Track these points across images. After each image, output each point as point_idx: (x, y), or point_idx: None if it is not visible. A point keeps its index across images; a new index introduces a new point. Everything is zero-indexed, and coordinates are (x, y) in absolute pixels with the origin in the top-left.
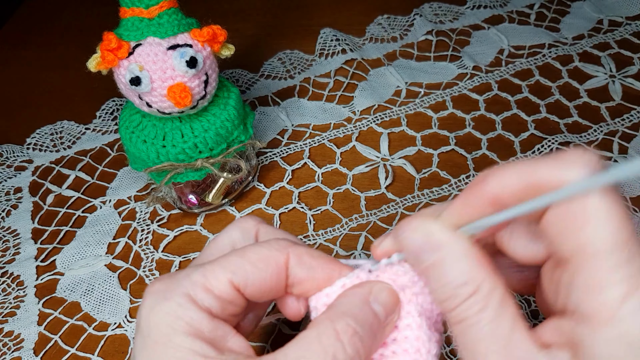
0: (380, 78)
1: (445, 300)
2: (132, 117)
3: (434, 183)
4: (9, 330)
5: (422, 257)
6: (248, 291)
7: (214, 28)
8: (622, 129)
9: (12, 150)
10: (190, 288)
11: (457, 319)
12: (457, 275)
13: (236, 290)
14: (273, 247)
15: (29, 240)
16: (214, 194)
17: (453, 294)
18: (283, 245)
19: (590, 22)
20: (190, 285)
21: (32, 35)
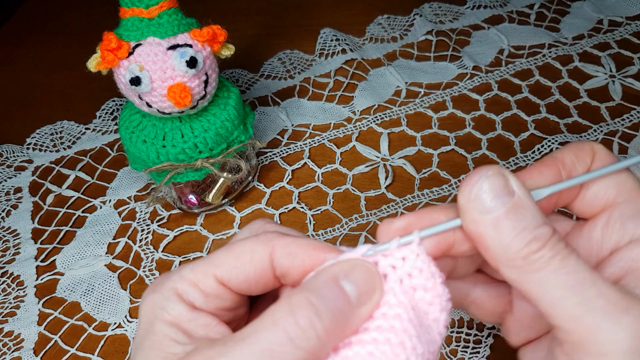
0: (380, 78)
1: (525, 245)
2: (132, 117)
3: (434, 183)
4: (9, 330)
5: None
6: (233, 284)
7: (214, 28)
8: (622, 129)
9: (12, 150)
10: (178, 282)
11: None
12: (536, 217)
13: (221, 284)
14: (258, 240)
15: (29, 240)
16: (214, 194)
17: (534, 236)
18: (269, 237)
19: (590, 22)
20: (179, 279)
21: (32, 35)
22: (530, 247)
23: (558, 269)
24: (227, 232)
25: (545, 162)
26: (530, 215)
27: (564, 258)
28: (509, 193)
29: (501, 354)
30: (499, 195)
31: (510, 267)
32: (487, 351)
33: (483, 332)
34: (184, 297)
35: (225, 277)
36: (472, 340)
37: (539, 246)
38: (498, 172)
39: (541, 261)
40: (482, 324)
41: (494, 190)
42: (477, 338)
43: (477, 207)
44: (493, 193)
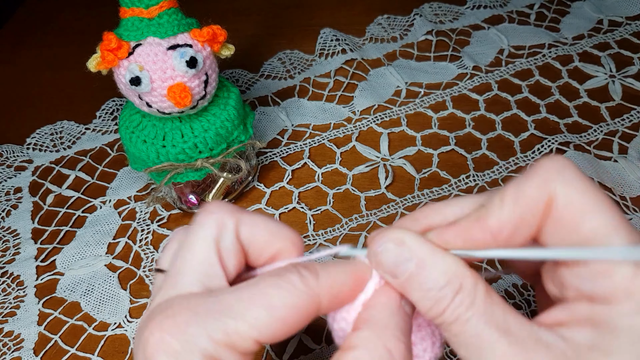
0: (380, 78)
1: (432, 306)
2: (132, 117)
3: (434, 183)
4: (9, 330)
5: (400, 270)
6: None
7: (214, 28)
8: (622, 129)
9: (12, 150)
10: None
11: (450, 320)
12: (439, 277)
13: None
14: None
15: (29, 240)
16: (214, 194)
17: (439, 296)
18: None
19: (590, 22)
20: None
21: (32, 35)
22: (432, 312)
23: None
24: None
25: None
26: (432, 277)
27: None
28: (406, 260)
29: None
30: (398, 263)
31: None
32: None
33: None
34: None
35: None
36: None
37: (440, 310)
38: (396, 238)
39: (444, 324)
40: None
41: (393, 258)
42: None
43: (385, 272)
44: (392, 261)
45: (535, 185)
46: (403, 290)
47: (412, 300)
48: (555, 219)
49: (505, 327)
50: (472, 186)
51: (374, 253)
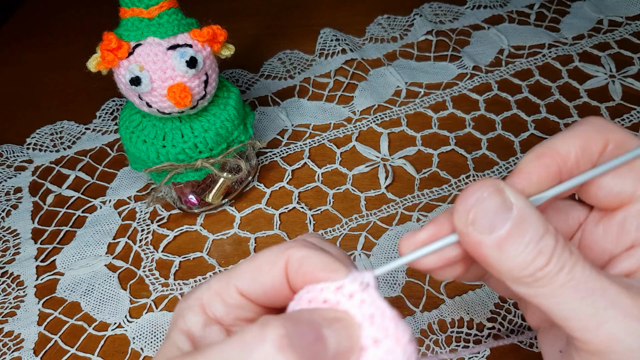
0: (380, 78)
1: (536, 258)
2: (132, 117)
3: (434, 183)
4: (9, 330)
5: (500, 220)
6: (253, 296)
7: (214, 28)
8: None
9: (12, 150)
10: (204, 292)
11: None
12: (538, 227)
13: (241, 295)
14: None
15: (29, 240)
16: (214, 194)
17: (542, 246)
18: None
19: (590, 22)
20: (206, 289)
21: (32, 35)
22: (535, 264)
23: (566, 282)
24: (227, 232)
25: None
26: (533, 227)
27: (570, 269)
28: (507, 209)
29: (501, 354)
30: (498, 214)
31: (519, 284)
32: (487, 351)
33: (483, 332)
34: (207, 308)
35: (245, 288)
36: (472, 340)
37: (544, 261)
38: (494, 189)
39: (548, 277)
40: (482, 324)
41: (492, 210)
42: (477, 338)
43: (477, 229)
44: (491, 213)
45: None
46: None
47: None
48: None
49: (606, 274)
50: None
51: (469, 206)
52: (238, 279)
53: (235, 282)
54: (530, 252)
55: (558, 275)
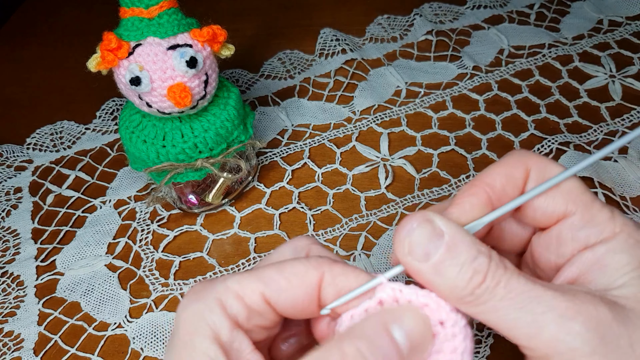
0: (380, 78)
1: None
2: (132, 117)
3: (434, 183)
4: (9, 330)
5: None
6: (279, 306)
7: (213, 28)
8: (623, 129)
9: (12, 150)
10: (222, 292)
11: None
12: (471, 248)
13: (267, 303)
14: (310, 264)
15: (29, 240)
16: (214, 194)
17: (476, 266)
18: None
19: (590, 22)
20: (224, 289)
21: (32, 35)
22: (473, 283)
23: (504, 295)
24: (227, 232)
25: (472, 191)
26: (465, 249)
27: (506, 283)
28: (438, 236)
29: (501, 354)
30: (431, 241)
31: (463, 304)
32: (487, 351)
33: (483, 332)
34: (228, 310)
35: (274, 297)
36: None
37: (481, 279)
38: (423, 219)
39: (487, 292)
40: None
41: (424, 239)
42: (477, 338)
43: (415, 258)
44: (424, 242)
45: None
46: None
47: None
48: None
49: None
50: None
51: (403, 237)
52: (266, 287)
53: (263, 289)
54: (467, 272)
55: (495, 289)
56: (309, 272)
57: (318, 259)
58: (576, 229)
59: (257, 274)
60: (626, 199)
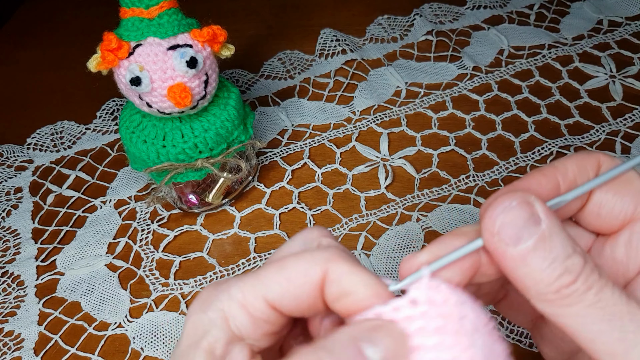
0: (380, 78)
1: (562, 275)
2: (132, 117)
3: (434, 183)
4: (9, 330)
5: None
6: (285, 308)
7: (214, 28)
8: (624, 129)
9: (12, 150)
10: (226, 303)
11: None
12: (566, 246)
13: (271, 308)
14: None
15: (29, 240)
16: (214, 194)
17: (569, 264)
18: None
19: (590, 23)
20: (228, 299)
21: (32, 35)
22: (561, 281)
23: (593, 303)
24: (227, 232)
25: (544, 172)
26: (560, 244)
27: (598, 291)
28: (535, 223)
29: None
30: (526, 226)
31: (543, 300)
32: None
33: None
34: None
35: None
36: None
37: (571, 279)
38: (523, 200)
39: (575, 295)
40: None
41: (519, 221)
42: None
43: (503, 240)
44: (519, 224)
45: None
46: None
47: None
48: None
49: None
50: (472, 186)
51: (497, 214)
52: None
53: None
54: (556, 269)
55: (585, 294)
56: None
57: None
58: None
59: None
60: None
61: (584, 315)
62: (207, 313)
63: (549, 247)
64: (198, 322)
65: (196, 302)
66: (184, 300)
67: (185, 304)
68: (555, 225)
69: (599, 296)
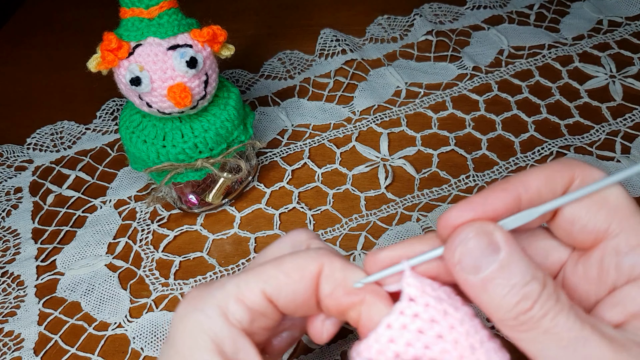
0: (380, 78)
1: (519, 302)
2: (132, 117)
3: (434, 183)
4: (9, 330)
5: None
6: (281, 302)
7: (214, 28)
8: (624, 129)
9: (12, 150)
10: (222, 299)
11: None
12: (526, 271)
13: (269, 301)
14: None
15: (29, 240)
16: (214, 194)
17: (526, 291)
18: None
19: (590, 23)
20: (223, 295)
21: (32, 35)
22: (519, 307)
23: (549, 329)
24: (227, 232)
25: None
26: (519, 271)
27: (554, 316)
28: (494, 251)
29: None
30: (484, 255)
31: (505, 326)
32: None
33: None
34: (230, 317)
35: (275, 293)
36: None
37: (528, 306)
38: (480, 231)
39: (532, 321)
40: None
41: (477, 252)
42: None
43: (464, 269)
44: (477, 255)
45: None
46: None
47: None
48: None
49: (591, 323)
50: (472, 186)
51: (455, 245)
52: (266, 283)
53: (263, 286)
54: (515, 295)
55: (542, 320)
56: (308, 265)
57: (317, 251)
58: (622, 255)
59: (255, 272)
60: None
61: (541, 342)
62: (204, 311)
63: (507, 275)
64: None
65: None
66: None
67: None
68: (515, 252)
69: (555, 322)
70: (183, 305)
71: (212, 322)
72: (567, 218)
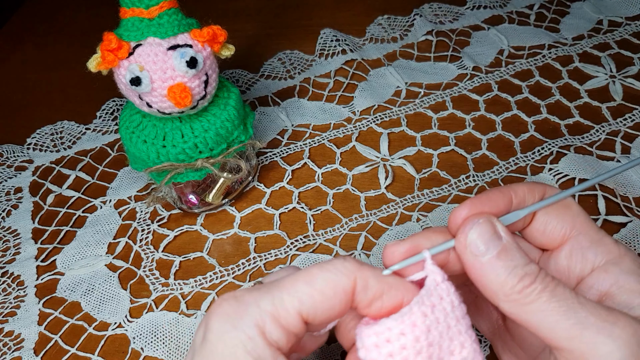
0: (380, 78)
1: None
2: (132, 117)
3: (434, 183)
4: (9, 330)
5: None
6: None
7: (214, 28)
8: (625, 129)
9: (12, 150)
10: (259, 318)
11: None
12: (523, 256)
13: (304, 322)
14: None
15: (29, 240)
16: (214, 194)
17: (525, 272)
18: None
19: (590, 23)
20: (260, 314)
21: (33, 35)
22: (523, 282)
23: (550, 298)
24: (227, 232)
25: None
26: (519, 255)
27: (553, 289)
28: (498, 237)
29: None
30: (491, 239)
31: (508, 301)
32: (487, 351)
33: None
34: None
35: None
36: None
37: (530, 281)
38: (487, 219)
39: (534, 293)
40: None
41: (486, 235)
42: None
43: (472, 251)
44: (485, 238)
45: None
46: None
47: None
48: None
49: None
50: (472, 186)
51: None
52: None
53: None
54: (518, 274)
55: (543, 291)
56: (341, 281)
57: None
58: (585, 249)
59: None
60: (629, 199)
61: (543, 310)
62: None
63: (510, 257)
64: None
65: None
66: (184, 300)
67: (185, 304)
68: (513, 241)
69: (554, 292)
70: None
71: (254, 343)
72: (541, 223)
